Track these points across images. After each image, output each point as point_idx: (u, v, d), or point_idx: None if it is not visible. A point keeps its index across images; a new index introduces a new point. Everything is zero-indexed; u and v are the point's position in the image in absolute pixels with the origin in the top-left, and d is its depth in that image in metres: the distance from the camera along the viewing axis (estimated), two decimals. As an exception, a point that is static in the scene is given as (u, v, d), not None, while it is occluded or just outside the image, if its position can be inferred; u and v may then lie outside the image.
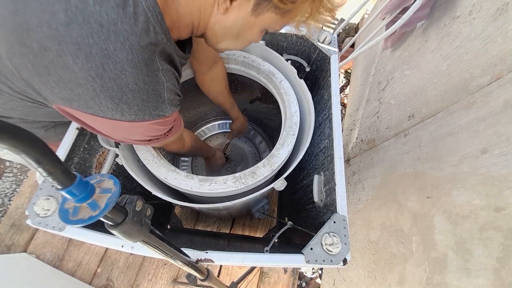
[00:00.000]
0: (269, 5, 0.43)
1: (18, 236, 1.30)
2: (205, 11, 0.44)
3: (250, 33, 0.49)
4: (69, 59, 0.34)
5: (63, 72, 0.36)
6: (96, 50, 0.34)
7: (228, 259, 0.55)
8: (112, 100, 0.39)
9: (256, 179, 0.65)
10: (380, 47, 1.30)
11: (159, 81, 0.42)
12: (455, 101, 0.70)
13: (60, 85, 0.37)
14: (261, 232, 1.34)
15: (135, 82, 0.39)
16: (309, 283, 1.43)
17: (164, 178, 0.65)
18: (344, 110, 1.85)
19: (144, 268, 1.28)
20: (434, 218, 0.67)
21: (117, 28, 0.34)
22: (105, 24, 0.34)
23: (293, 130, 0.74)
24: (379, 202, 0.97)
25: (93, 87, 0.37)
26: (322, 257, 0.54)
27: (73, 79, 0.36)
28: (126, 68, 0.37)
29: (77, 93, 0.38)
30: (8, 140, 0.19)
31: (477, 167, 0.58)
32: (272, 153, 0.70)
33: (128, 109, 0.41)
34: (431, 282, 0.64)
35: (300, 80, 0.82)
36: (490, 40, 0.62)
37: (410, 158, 0.83)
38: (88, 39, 0.34)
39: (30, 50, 0.35)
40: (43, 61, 0.35)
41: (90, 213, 0.26)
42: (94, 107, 0.39)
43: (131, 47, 0.36)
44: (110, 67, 0.36)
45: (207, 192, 0.63)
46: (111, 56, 0.35)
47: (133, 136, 0.51)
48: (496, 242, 0.51)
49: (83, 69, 0.35)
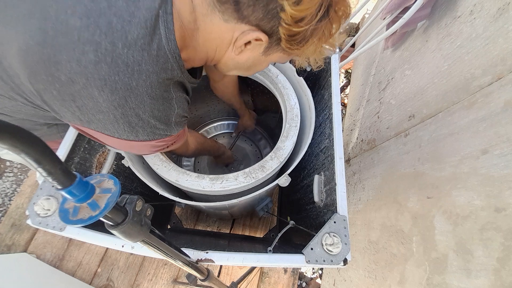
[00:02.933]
0: (278, 48, 0.46)
1: (19, 236, 1.30)
2: (220, 50, 0.48)
3: (259, 67, 0.55)
4: (95, 91, 0.38)
5: (87, 101, 0.40)
6: (120, 86, 0.39)
7: (228, 259, 0.55)
8: (130, 125, 0.44)
9: (266, 172, 0.67)
10: (381, 47, 1.30)
11: (171, 108, 0.48)
12: (455, 101, 0.70)
13: (83, 110, 0.41)
14: (261, 232, 1.34)
15: (151, 111, 0.44)
16: (309, 283, 1.43)
17: (175, 181, 0.66)
18: (344, 110, 1.85)
19: (144, 268, 1.28)
20: (435, 218, 0.67)
21: (141, 68, 0.39)
22: (131, 64, 0.38)
23: (295, 121, 0.76)
24: (379, 202, 0.97)
25: (114, 114, 0.41)
26: (322, 257, 0.54)
27: (96, 107, 0.40)
28: (145, 100, 0.42)
29: (98, 118, 0.42)
30: (8, 140, 0.19)
31: (478, 168, 0.58)
32: (278, 146, 0.71)
33: (142, 132, 0.46)
34: (432, 283, 0.64)
35: (299, 77, 0.82)
36: (491, 40, 0.62)
37: (411, 158, 0.83)
38: (115, 76, 0.38)
39: (57, 80, 0.38)
40: (69, 90, 0.39)
41: (90, 213, 0.26)
42: (112, 130, 0.44)
43: (151, 83, 0.41)
44: (132, 99, 0.41)
45: (219, 190, 0.64)
46: (133, 90, 0.40)
47: (139, 151, 0.56)
48: (497, 242, 0.51)
49: (107, 100, 0.39)
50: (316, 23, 0.41)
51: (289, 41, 0.43)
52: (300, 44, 0.44)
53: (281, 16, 0.39)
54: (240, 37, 0.43)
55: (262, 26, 0.41)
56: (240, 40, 0.44)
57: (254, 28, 0.42)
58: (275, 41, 0.44)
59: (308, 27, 0.40)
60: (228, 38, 0.45)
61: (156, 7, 0.38)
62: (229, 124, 1.43)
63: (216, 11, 0.41)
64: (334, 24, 0.43)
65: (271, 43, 0.44)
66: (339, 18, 0.43)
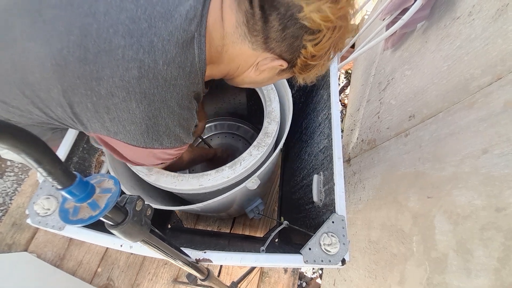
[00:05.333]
0: (291, 71, 0.53)
1: (19, 235, 1.30)
2: (242, 69, 0.53)
3: (269, 83, 0.61)
4: (133, 104, 0.42)
5: (122, 113, 0.42)
6: (158, 98, 0.42)
7: (226, 259, 0.55)
8: (158, 134, 0.47)
9: (271, 137, 0.71)
10: (381, 48, 1.30)
11: (193, 118, 0.52)
12: (455, 101, 0.70)
13: (114, 122, 0.44)
14: (261, 232, 1.35)
15: (178, 121, 0.48)
16: (310, 283, 1.43)
17: (175, 188, 0.65)
18: (344, 111, 1.85)
19: (145, 267, 1.28)
20: (435, 218, 0.67)
21: (176, 82, 0.43)
22: (169, 79, 0.42)
23: None
24: (379, 202, 0.97)
25: (147, 124, 0.44)
26: (320, 257, 0.54)
27: (131, 118, 0.43)
28: (176, 110, 0.46)
29: (129, 129, 0.45)
30: (8, 140, 0.19)
31: (478, 167, 0.58)
32: (268, 110, 0.76)
33: (167, 139, 0.49)
34: (432, 282, 0.64)
35: None
36: (490, 41, 0.62)
37: (411, 158, 0.83)
38: (154, 90, 0.41)
39: (95, 94, 0.41)
40: (107, 103, 0.41)
41: (90, 213, 0.26)
42: (140, 140, 0.47)
43: (182, 96, 0.45)
44: (165, 110, 0.44)
45: (214, 185, 0.64)
46: (167, 102, 0.44)
47: (155, 161, 0.57)
48: (497, 242, 0.51)
49: (143, 111, 0.43)
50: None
51: (301, 69, 0.50)
52: (309, 71, 0.52)
53: (302, 52, 0.46)
54: (264, 63, 0.49)
55: (284, 56, 0.48)
56: (264, 65, 0.50)
57: (276, 57, 0.48)
58: (291, 66, 0.51)
59: (321, 62, 0.49)
60: (252, 61, 0.50)
61: (192, 30, 0.42)
62: (226, 125, 1.43)
63: (247, 41, 0.46)
64: (332, 54, 0.51)
65: (288, 68, 0.51)
66: (336, 51, 0.50)
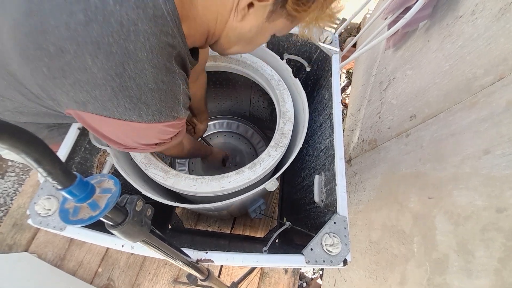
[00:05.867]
0: (283, 12, 0.45)
1: (20, 236, 1.30)
2: (222, 19, 0.46)
3: (261, 38, 0.52)
4: (88, 59, 0.34)
5: (80, 74, 0.36)
6: (116, 49, 0.34)
7: (228, 260, 0.55)
8: (131, 100, 0.39)
9: (287, 137, 0.71)
10: (382, 47, 1.29)
11: (176, 83, 0.43)
12: (457, 101, 0.70)
13: (76, 88, 0.37)
14: (262, 232, 1.34)
15: (155, 82, 0.39)
16: (310, 283, 1.43)
17: (188, 189, 0.65)
18: (345, 110, 1.85)
19: (145, 267, 1.28)
20: (436, 218, 0.67)
21: (138, 28, 0.35)
22: (126, 24, 0.34)
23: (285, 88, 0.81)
24: (380, 202, 0.97)
25: (112, 86, 0.37)
26: (322, 258, 0.54)
27: (91, 80, 0.36)
28: (146, 67, 0.37)
29: (94, 95, 0.38)
30: (8, 140, 0.19)
31: (479, 168, 0.58)
32: (282, 111, 0.76)
33: (146, 109, 0.41)
34: (432, 283, 0.64)
35: (295, 79, 0.82)
36: (493, 40, 0.62)
37: (412, 159, 0.83)
38: (108, 38, 0.34)
39: (46, 53, 0.35)
40: (60, 64, 0.35)
41: (90, 213, 0.26)
42: (111, 109, 0.39)
43: (151, 48, 0.37)
44: (130, 66, 0.36)
45: (235, 186, 0.64)
46: (131, 55, 0.36)
47: (143, 140, 0.51)
48: (498, 243, 0.50)
49: (103, 69, 0.35)
50: None
51: (295, 3, 0.42)
52: (307, 4, 0.42)
53: None
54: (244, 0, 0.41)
55: None
56: (244, 2, 0.42)
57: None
58: (280, 2, 0.43)
59: None
60: (230, 4, 0.43)
61: None
62: (225, 123, 1.42)
63: None
64: None
65: (276, 5, 0.43)
66: None
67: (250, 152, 1.34)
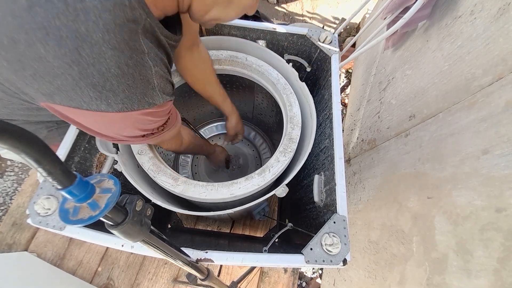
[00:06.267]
0: None
1: (19, 235, 1.30)
2: None
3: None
4: (40, 47, 0.31)
5: (37, 64, 0.33)
6: (66, 33, 0.30)
7: (228, 259, 0.55)
8: (95, 88, 0.35)
9: (295, 142, 0.71)
10: (381, 47, 1.29)
11: (145, 65, 0.38)
12: (456, 101, 0.70)
13: (38, 79, 0.34)
14: (261, 232, 1.35)
15: (118, 66, 0.35)
16: (309, 283, 1.43)
17: (198, 196, 0.65)
18: (345, 110, 1.85)
19: (145, 267, 1.28)
20: (435, 218, 0.67)
21: (85, 5, 0.30)
22: (70, 2, 0.30)
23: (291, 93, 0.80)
24: (379, 202, 0.97)
25: (71, 75, 0.33)
26: (322, 257, 0.54)
27: (49, 69, 0.33)
28: (105, 51, 0.33)
29: (56, 86, 0.34)
30: (8, 140, 0.19)
31: (478, 168, 0.58)
32: (290, 116, 0.76)
33: (113, 97, 0.37)
34: (432, 283, 0.64)
35: (302, 83, 0.81)
36: (492, 40, 0.62)
37: (411, 158, 0.83)
38: (55, 21, 0.30)
39: (1, 46, 0.32)
40: (15, 55, 0.33)
41: (90, 213, 0.26)
42: (77, 99, 0.36)
43: (106, 26, 0.32)
44: (86, 50, 0.32)
45: (245, 193, 0.64)
46: (84, 38, 0.31)
47: (125, 131, 0.46)
48: (497, 243, 0.51)
49: (57, 57, 0.32)
50: None
51: None
52: None
53: None
54: None
55: None
56: None
57: None
58: None
59: None
60: None
61: None
62: (221, 126, 1.39)
63: None
64: None
65: None
66: None
67: (253, 154, 1.33)
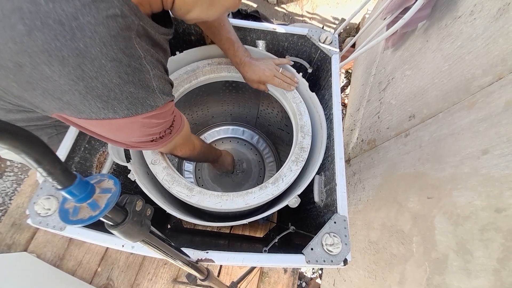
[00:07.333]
0: None
1: (19, 235, 1.30)
2: None
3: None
4: (45, 68, 0.33)
5: (45, 83, 0.35)
6: (67, 53, 0.32)
7: (228, 259, 0.55)
8: (101, 99, 0.37)
9: (306, 152, 0.72)
10: (381, 47, 1.30)
11: (143, 70, 0.40)
12: (456, 101, 0.70)
13: (48, 97, 0.36)
14: (261, 232, 1.34)
15: (118, 76, 0.37)
16: (309, 283, 1.43)
17: (217, 207, 0.64)
18: (344, 110, 1.85)
19: (144, 267, 1.28)
20: (435, 218, 0.67)
21: (79, 22, 0.32)
22: (65, 22, 0.31)
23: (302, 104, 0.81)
24: (379, 202, 0.97)
25: (78, 90, 0.35)
26: (322, 258, 0.54)
27: (57, 87, 0.35)
28: (104, 63, 0.35)
29: (66, 100, 0.37)
30: (8, 140, 0.19)
31: (478, 168, 0.58)
32: (300, 125, 0.76)
33: (118, 105, 0.39)
34: (432, 283, 0.64)
35: (312, 93, 0.81)
36: (492, 40, 0.62)
37: (411, 159, 0.83)
38: (55, 42, 0.32)
39: (8, 70, 0.34)
40: (23, 77, 0.34)
41: (90, 213, 0.26)
42: (86, 111, 0.38)
43: (102, 40, 0.33)
44: (88, 66, 0.34)
45: (260, 202, 0.65)
46: (84, 55, 0.33)
47: (133, 136, 0.49)
48: (497, 243, 0.51)
49: (62, 75, 0.34)
50: None
51: None
52: None
53: None
54: None
55: None
56: None
57: None
58: None
59: None
60: None
61: None
62: (231, 129, 1.39)
63: None
64: None
65: None
66: None
67: (256, 158, 1.32)
